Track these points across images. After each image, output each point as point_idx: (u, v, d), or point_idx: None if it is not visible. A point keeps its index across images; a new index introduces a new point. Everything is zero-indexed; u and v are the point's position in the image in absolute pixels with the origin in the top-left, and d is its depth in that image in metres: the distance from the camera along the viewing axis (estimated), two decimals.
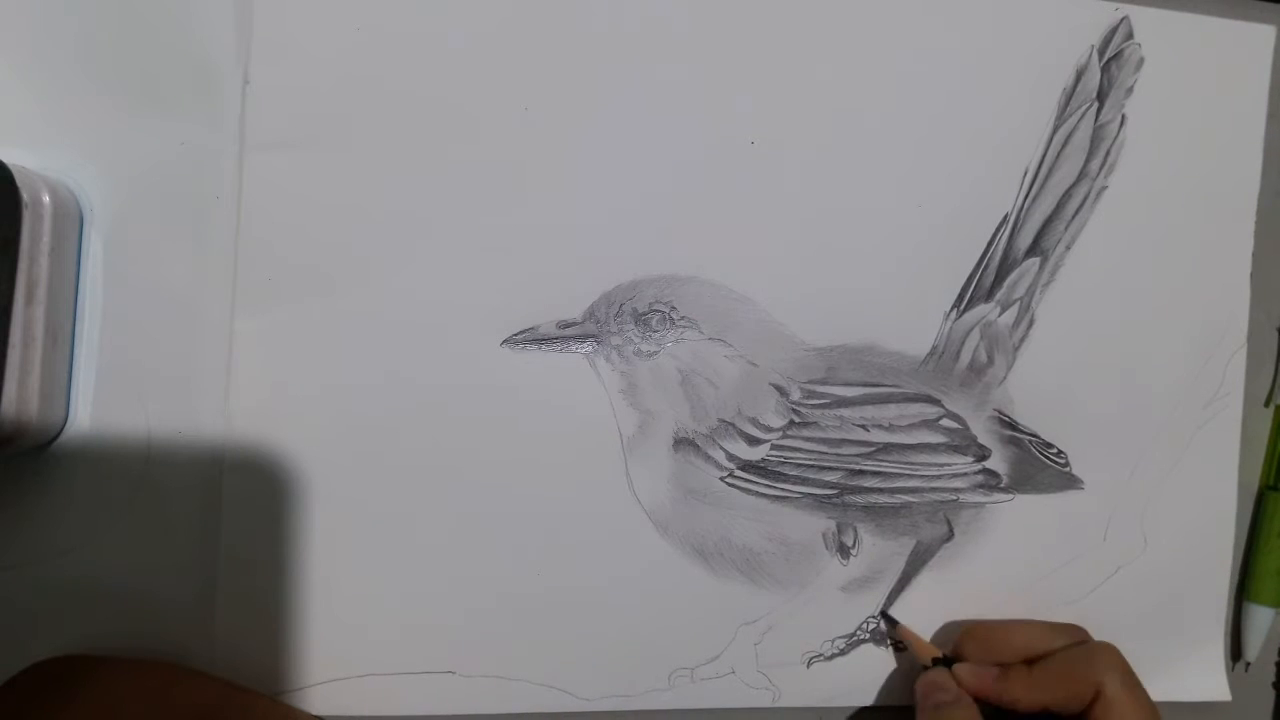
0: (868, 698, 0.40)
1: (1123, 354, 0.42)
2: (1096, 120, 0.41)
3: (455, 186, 0.36)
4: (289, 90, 0.35)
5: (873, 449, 0.39)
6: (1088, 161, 0.41)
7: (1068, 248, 0.41)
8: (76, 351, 0.34)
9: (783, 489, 0.39)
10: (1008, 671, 0.37)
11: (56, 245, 0.32)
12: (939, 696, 0.37)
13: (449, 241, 0.36)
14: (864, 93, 0.39)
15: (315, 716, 0.35)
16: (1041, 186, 0.41)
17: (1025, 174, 0.41)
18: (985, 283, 0.41)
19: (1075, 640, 0.38)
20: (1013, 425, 0.41)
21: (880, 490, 0.40)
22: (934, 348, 0.40)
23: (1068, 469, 0.42)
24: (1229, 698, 0.43)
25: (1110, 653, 0.37)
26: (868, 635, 0.40)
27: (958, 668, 0.37)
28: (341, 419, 0.35)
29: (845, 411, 0.39)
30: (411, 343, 0.36)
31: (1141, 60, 0.41)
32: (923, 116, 0.40)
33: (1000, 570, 0.41)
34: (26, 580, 0.34)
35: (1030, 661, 0.37)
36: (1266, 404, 0.44)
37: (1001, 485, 0.41)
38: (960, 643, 0.39)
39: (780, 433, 0.39)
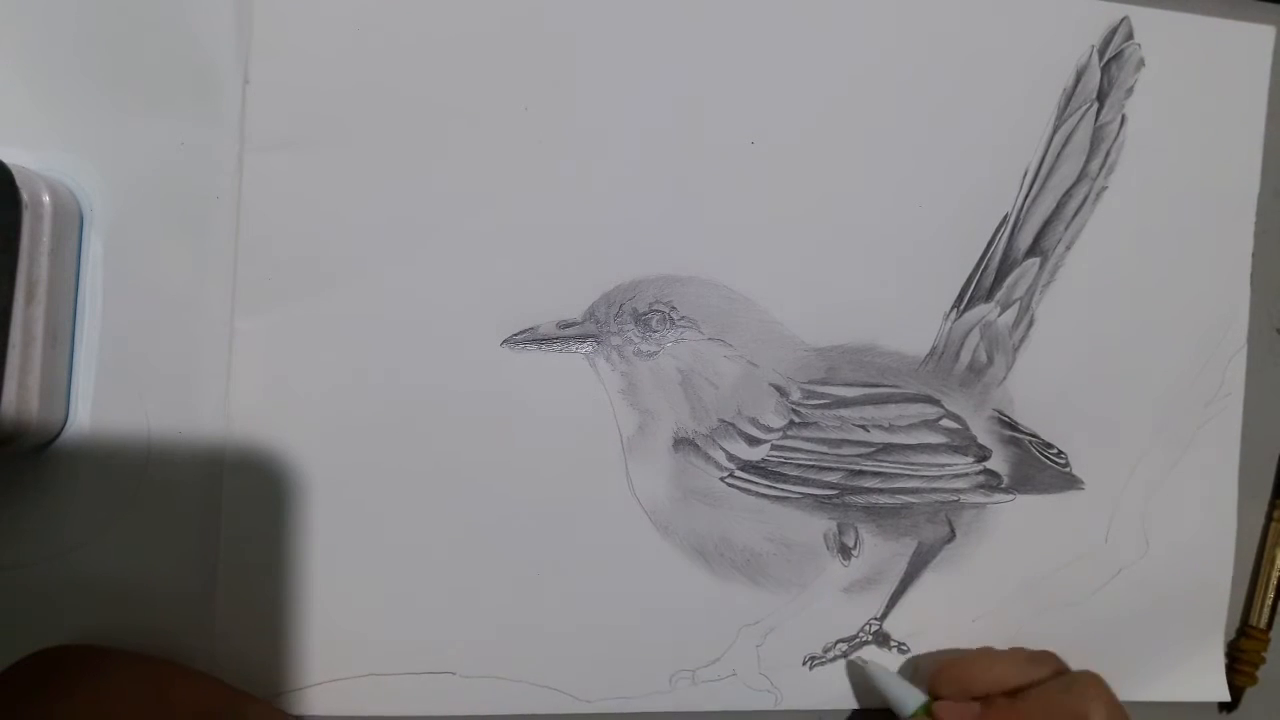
0: (871, 700, 0.40)
1: (1123, 354, 0.42)
2: (1096, 120, 0.41)
3: (455, 186, 0.36)
4: (289, 90, 0.35)
5: (873, 449, 0.39)
6: (1088, 161, 0.41)
7: (1068, 248, 0.41)
8: (76, 351, 0.34)
9: (783, 489, 0.39)
10: (990, 708, 0.36)
11: (56, 245, 0.32)
12: None
13: (449, 241, 0.36)
14: (864, 93, 0.39)
15: None
16: (1041, 186, 0.41)
17: (1025, 174, 0.41)
18: (985, 283, 0.41)
19: (1053, 670, 0.37)
20: (1013, 425, 0.41)
21: (881, 491, 0.40)
22: (934, 348, 0.40)
23: (1068, 469, 0.42)
24: (1229, 698, 0.43)
25: (1095, 684, 0.35)
26: (870, 638, 0.40)
27: (937, 706, 0.36)
28: (341, 419, 0.35)
29: (845, 412, 0.39)
30: (411, 342, 0.36)
31: (1141, 60, 0.42)
32: (923, 117, 0.40)
33: (1002, 571, 0.41)
34: (27, 580, 0.34)
35: (1010, 694, 0.36)
36: None
37: (1002, 486, 0.41)
38: (934, 681, 0.38)
39: (780, 433, 0.39)
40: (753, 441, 0.38)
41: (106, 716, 0.31)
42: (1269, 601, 0.44)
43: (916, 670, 0.40)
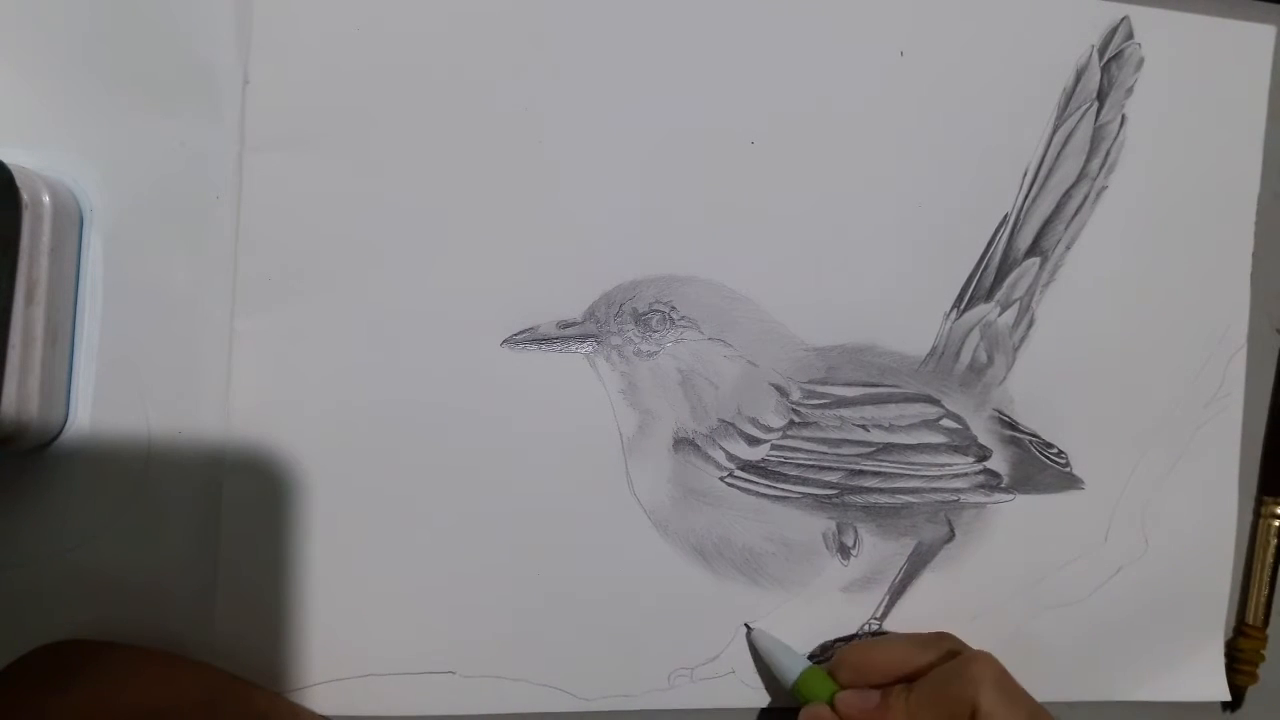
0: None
1: (1123, 354, 0.42)
2: (1096, 120, 0.41)
3: (455, 186, 0.36)
4: (289, 90, 0.35)
5: (873, 449, 0.39)
6: (1088, 161, 0.41)
7: (1068, 248, 0.41)
8: (76, 351, 0.34)
9: (783, 489, 0.39)
10: (886, 697, 0.36)
11: (56, 245, 0.32)
12: None
13: (449, 241, 0.36)
14: (864, 93, 0.39)
15: (314, 713, 0.35)
16: (1041, 186, 0.41)
17: (1025, 174, 0.41)
18: (985, 283, 0.41)
19: (947, 652, 0.36)
20: (1013, 425, 0.41)
21: (880, 490, 0.40)
22: (934, 348, 0.40)
23: (1068, 469, 0.42)
24: (1229, 697, 0.43)
25: (982, 663, 0.35)
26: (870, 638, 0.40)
27: (839, 698, 0.36)
28: (341, 419, 0.35)
29: (845, 411, 0.39)
30: (411, 342, 0.36)
31: (1141, 60, 0.41)
32: (923, 116, 0.40)
33: (1001, 571, 0.41)
34: (27, 580, 0.34)
35: (909, 679, 0.36)
36: None
37: (1002, 485, 0.41)
38: (835, 669, 0.38)
39: (780, 433, 0.39)
40: (753, 441, 0.38)
41: (108, 708, 0.31)
42: (1263, 598, 0.44)
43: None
